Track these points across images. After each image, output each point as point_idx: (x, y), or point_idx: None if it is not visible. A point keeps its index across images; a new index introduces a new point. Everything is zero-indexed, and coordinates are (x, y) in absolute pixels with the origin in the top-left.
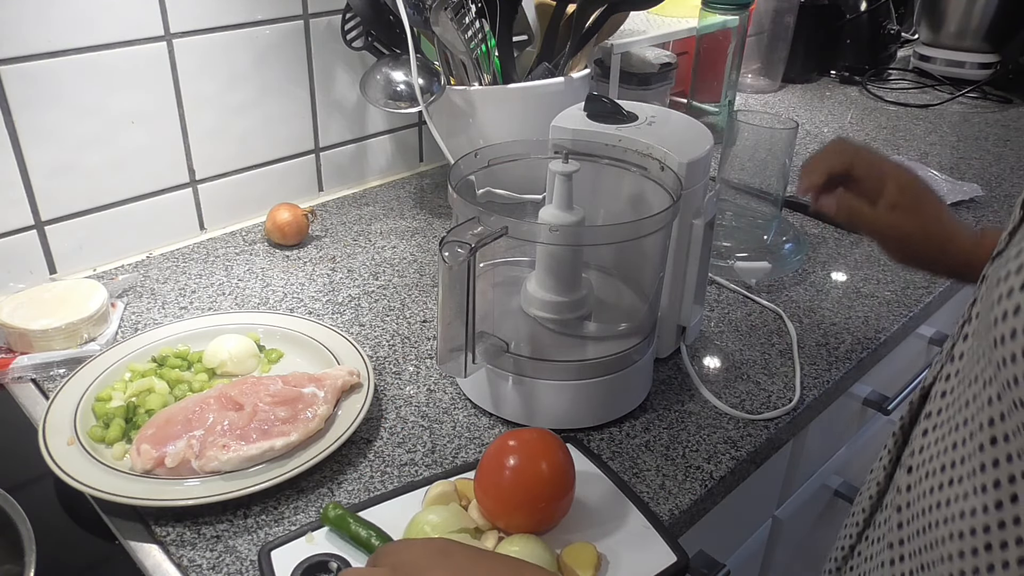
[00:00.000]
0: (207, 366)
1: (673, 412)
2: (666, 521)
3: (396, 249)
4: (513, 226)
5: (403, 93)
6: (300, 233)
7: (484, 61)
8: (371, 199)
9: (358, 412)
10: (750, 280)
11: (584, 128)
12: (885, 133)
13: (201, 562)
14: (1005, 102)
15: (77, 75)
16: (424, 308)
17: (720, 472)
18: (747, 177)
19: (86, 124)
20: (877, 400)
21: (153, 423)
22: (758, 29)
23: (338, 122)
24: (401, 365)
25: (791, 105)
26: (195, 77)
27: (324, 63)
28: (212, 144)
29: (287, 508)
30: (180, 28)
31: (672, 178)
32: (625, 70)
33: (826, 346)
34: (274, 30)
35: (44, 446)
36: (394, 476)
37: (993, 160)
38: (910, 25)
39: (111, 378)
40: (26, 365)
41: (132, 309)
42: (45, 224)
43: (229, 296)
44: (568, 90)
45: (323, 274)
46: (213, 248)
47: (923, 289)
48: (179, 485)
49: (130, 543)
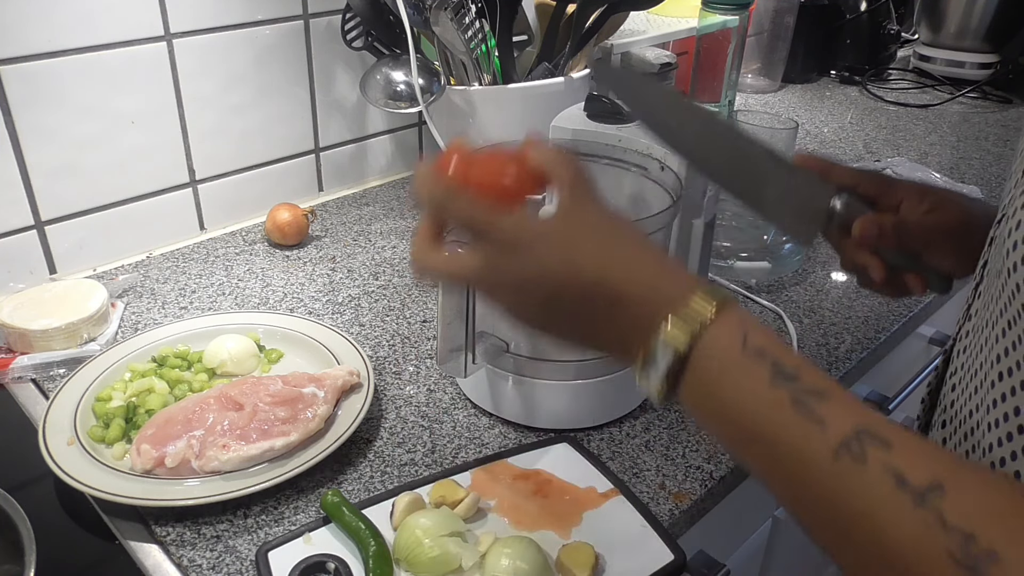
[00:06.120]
0: (207, 366)
1: (673, 412)
2: (666, 521)
3: (396, 249)
4: None
5: (403, 93)
6: (300, 233)
7: (484, 61)
8: (371, 199)
9: (358, 412)
10: (750, 280)
11: (584, 128)
12: (885, 133)
13: (201, 562)
14: (1005, 102)
15: (77, 75)
16: (424, 308)
17: (720, 472)
18: None
19: (86, 124)
20: (877, 400)
21: (153, 423)
22: (758, 29)
23: (338, 122)
24: (401, 365)
25: (791, 105)
26: (195, 77)
27: (324, 63)
28: (212, 144)
29: (287, 508)
30: (180, 28)
31: (672, 178)
32: None
33: (826, 346)
34: (274, 30)
35: (44, 446)
36: (394, 476)
37: (993, 160)
38: (910, 25)
39: (111, 378)
40: (26, 365)
41: (132, 309)
42: (45, 224)
43: (229, 296)
44: (568, 90)
45: (323, 274)
46: (213, 248)
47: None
48: (179, 485)
49: (130, 543)
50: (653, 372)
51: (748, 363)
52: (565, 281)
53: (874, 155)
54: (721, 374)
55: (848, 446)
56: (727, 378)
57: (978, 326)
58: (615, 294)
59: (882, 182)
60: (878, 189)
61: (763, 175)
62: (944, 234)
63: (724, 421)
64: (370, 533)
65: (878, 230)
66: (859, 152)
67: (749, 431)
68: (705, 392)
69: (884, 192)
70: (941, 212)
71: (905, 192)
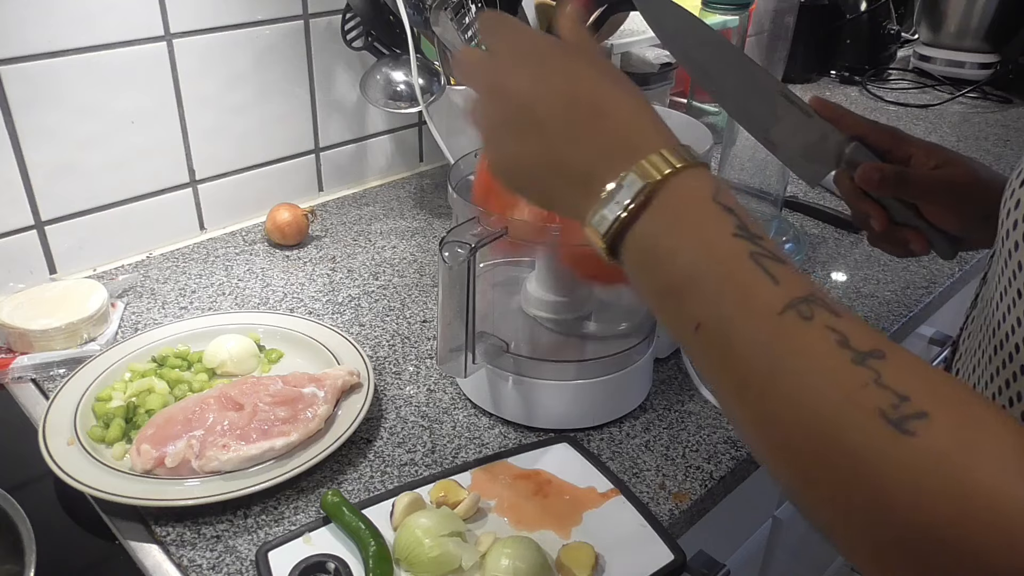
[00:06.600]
0: (207, 366)
1: (673, 412)
2: (666, 521)
3: (396, 249)
4: (513, 226)
5: (403, 93)
6: (300, 233)
7: None
8: (371, 199)
9: (358, 412)
10: None
11: None
12: None
13: (201, 562)
14: (1005, 102)
15: (77, 75)
16: (424, 308)
17: (720, 472)
18: (747, 177)
19: (86, 124)
20: None
21: (153, 423)
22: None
23: (338, 122)
24: (401, 365)
25: None
26: (195, 77)
27: (324, 63)
28: (212, 144)
29: (287, 508)
30: (180, 28)
31: None
32: (625, 70)
33: None
34: (274, 30)
35: (44, 446)
36: (394, 476)
37: (993, 160)
38: (910, 25)
39: (111, 378)
40: (26, 365)
41: (132, 309)
42: (45, 224)
43: (229, 296)
44: None
45: (323, 274)
46: (213, 248)
47: (923, 289)
48: (179, 485)
49: (130, 543)
50: (612, 205)
51: (715, 211)
52: (560, 87)
53: None
54: (682, 216)
55: (796, 307)
56: (687, 221)
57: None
58: (604, 106)
59: (894, 135)
60: (890, 142)
61: (778, 112)
62: (947, 190)
63: (669, 266)
64: (370, 533)
65: (879, 176)
66: None
67: (694, 276)
68: (658, 233)
69: (895, 145)
70: (948, 169)
71: (915, 147)
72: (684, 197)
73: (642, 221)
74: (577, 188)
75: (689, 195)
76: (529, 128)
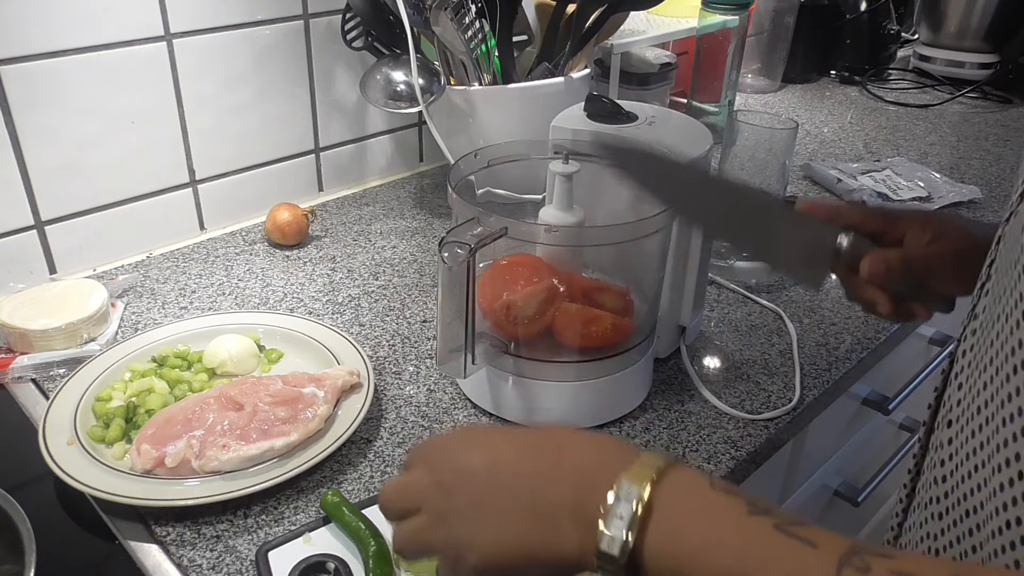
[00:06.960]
0: (207, 366)
1: (673, 412)
2: None
3: (396, 249)
4: (513, 226)
5: (403, 93)
6: (300, 233)
7: (484, 61)
8: (371, 199)
9: (358, 412)
10: (750, 280)
11: (584, 128)
12: (885, 133)
13: (201, 562)
14: (1005, 102)
15: (77, 75)
16: (424, 308)
17: (720, 472)
18: (747, 177)
19: (86, 124)
20: (877, 400)
21: (153, 423)
22: (758, 29)
23: (338, 122)
24: (401, 365)
25: (791, 105)
26: (195, 77)
27: (324, 63)
28: (212, 144)
29: (287, 508)
30: (180, 28)
31: None
32: (625, 70)
33: (826, 346)
34: (274, 30)
35: (44, 446)
36: (394, 476)
37: (993, 160)
38: (910, 25)
39: (111, 378)
40: (26, 365)
41: (132, 309)
42: (45, 224)
43: (229, 296)
44: (568, 90)
45: (323, 274)
46: (213, 248)
47: None
48: (179, 485)
49: (130, 543)
50: (616, 522)
51: (721, 498)
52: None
53: (874, 155)
54: (693, 512)
55: (849, 562)
56: (701, 516)
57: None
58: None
59: (884, 217)
60: (881, 224)
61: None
62: (948, 261)
63: (704, 562)
64: (370, 533)
65: (886, 267)
66: (859, 152)
67: (735, 565)
68: (677, 534)
69: (887, 227)
70: (944, 241)
71: (907, 224)
72: (684, 499)
73: (652, 529)
74: (571, 523)
75: (689, 494)
76: (496, 491)
